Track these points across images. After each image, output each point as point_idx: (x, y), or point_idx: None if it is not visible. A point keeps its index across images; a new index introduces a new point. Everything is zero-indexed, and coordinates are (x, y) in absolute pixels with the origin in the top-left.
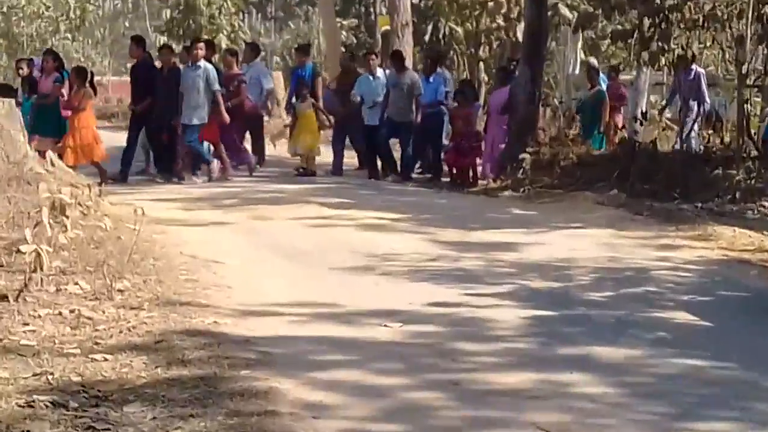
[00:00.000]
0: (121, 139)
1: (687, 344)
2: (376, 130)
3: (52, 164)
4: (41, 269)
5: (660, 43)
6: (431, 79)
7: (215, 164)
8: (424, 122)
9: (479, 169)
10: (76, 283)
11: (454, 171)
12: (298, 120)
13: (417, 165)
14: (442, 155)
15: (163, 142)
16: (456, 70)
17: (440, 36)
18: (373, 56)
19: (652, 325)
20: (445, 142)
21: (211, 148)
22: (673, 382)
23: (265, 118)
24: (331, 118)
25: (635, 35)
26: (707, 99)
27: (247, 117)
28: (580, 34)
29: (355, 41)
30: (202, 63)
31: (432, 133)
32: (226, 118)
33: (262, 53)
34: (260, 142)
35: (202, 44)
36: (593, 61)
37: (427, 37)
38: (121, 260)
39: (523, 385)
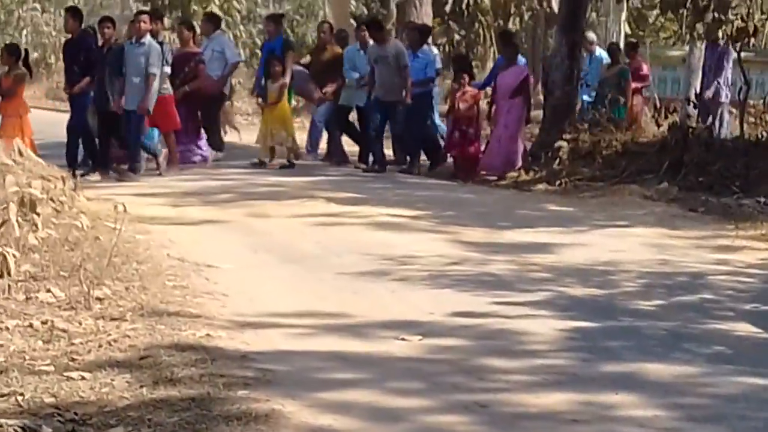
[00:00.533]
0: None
1: (749, 360)
2: (367, 113)
3: (21, 154)
4: (8, 274)
5: (716, 14)
6: (419, 54)
7: (162, 157)
8: (411, 102)
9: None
10: (49, 291)
11: (457, 161)
12: (267, 103)
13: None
14: (442, 143)
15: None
16: (482, 44)
17: (463, 6)
18: (364, 27)
19: (709, 338)
20: (440, 123)
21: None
22: (733, 403)
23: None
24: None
25: (688, 4)
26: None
27: (206, 98)
28: (625, 3)
29: (365, 12)
30: (147, 39)
31: (418, 115)
32: (145, 108)
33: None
34: (216, 126)
35: (145, 16)
36: (591, 35)
37: (448, 8)
38: (99, 264)
39: (560, 408)
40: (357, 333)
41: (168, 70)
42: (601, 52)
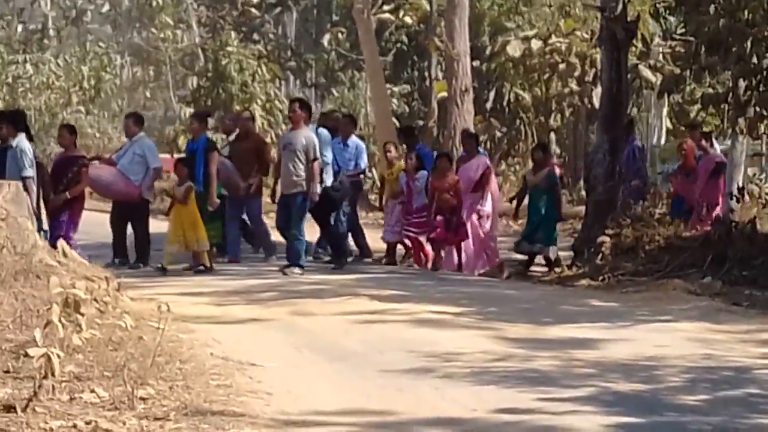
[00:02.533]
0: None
1: None
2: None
3: (65, 255)
4: (52, 375)
5: (758, 108)
6: (349, 144)
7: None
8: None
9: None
10: (93, 391)
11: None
12: (174, 208)
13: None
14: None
15: None
16: (524, 141)
17: (504, 103)
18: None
19: None
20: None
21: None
22: None
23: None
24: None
25: (729, 99)
26: None
27: (129, 205)
28: (666, 99)
29: (407, 110)
30: (17, 140)
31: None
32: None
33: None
34: (145, 234)
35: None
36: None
37: (489, 105)
38: (143, 364)
39: None
40: (401, 430)
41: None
42: None
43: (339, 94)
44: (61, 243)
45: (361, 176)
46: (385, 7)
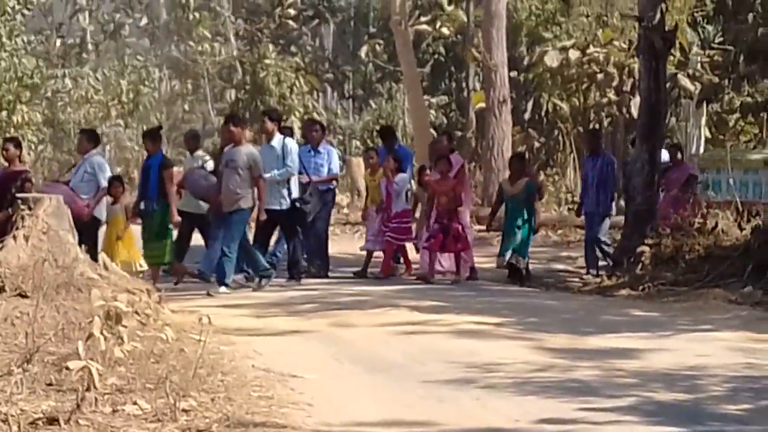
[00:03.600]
0: None
1: None
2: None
3: (106, 268)
4: (94, 387)
5: None
6: (321, 150)
7: None
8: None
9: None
10: (135, 403)
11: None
12: (109, 226)
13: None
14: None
15: None
16: (562, 151)
17: (542, 113)
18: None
19: None
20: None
21: None
22: None
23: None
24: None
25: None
26: None
27: (78, 223)
28: (704, 108)
29: (445, 121)
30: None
31: (319, 214)
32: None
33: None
34: (92, 252)
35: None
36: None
37: (527, 115)
38: (185, 376)
39: None
40: None
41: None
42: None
43: (377, 105)
44: (102, 256)
45: (334, 183)
46: (423, 19)
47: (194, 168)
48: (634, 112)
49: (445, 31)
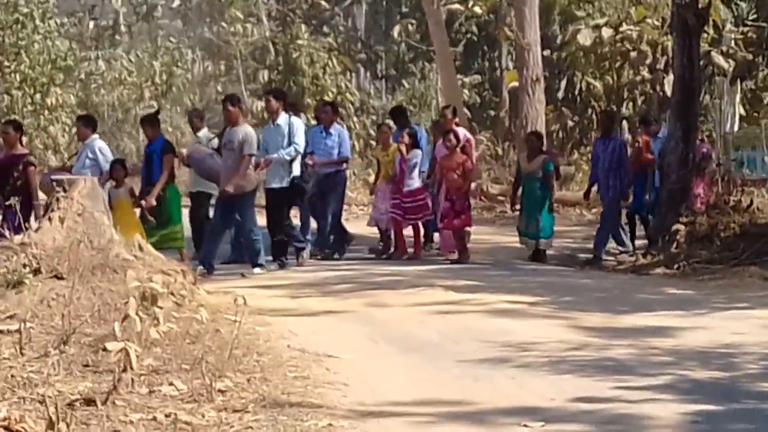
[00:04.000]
0: None
1: None
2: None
3: (141, 249)
4: (131, 368)
5: None
6: (332, 132)
7: None
8: (323, 184)
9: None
10: (171, 384)
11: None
12: (113, 210)
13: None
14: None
15: None
16: (595, 130)
17: (576, 92)
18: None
19: None
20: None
21: None
22: None
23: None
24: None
25: None
26: None
27: None
28: (738, 86)
29: (478, 100)
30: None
31: (332, 197)
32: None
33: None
34: None
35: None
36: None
37: (560, 94)
38: (221, 356)
39: None
40: (479, 420)
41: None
42: None
43: (410, 85)
44: (136, 237)
45: (345, 165)
46: None
47: (197, 146)
48: (668, 90)
49: (477, 9)
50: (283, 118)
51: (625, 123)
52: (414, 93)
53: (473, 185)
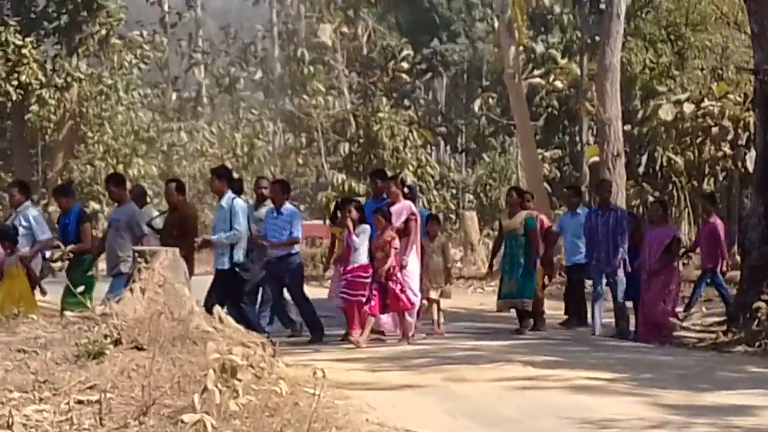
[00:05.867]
0: None
1: None
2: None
3: (221, 321)
4: None
5: None
6: (283, 211)
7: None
8: (274, 267)
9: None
10: None
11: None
12: (3, 280)
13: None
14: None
15: None
16: (676, 206)
17: (657, 167)
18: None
19: None
20: None
21: None
22: None
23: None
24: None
25: None
26: None
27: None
28: None
29: (558, 175)
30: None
31: (290, 281)
32: None
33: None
34: None
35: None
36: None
37: (641, 169)
38: (299, 429)
39: None
40: None
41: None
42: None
43: (490, 159)
44: (217, 309)
45: (296, 247)
46: (536, 72)
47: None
48: (750, 166)
49: (558, 84)
50: (226, 199)
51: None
52: (494, 167)
53: (555, 259)
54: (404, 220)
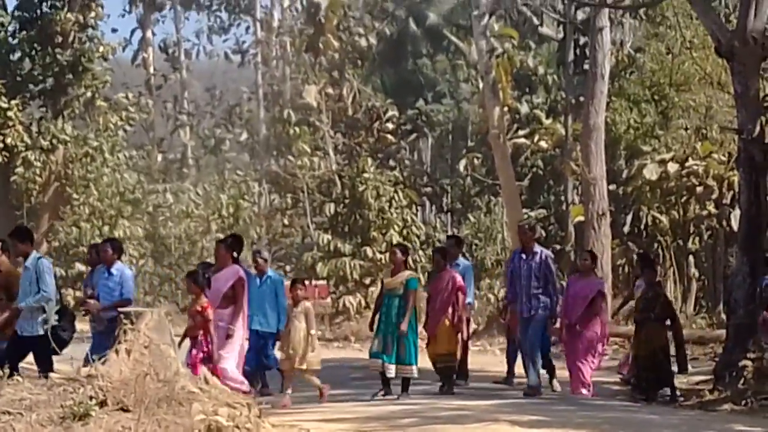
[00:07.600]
0: None
1: None
2: None
3: (206, 382)
4: None
5: None
6: (114, 270)
7: None
8: (109, 329)
9: None
10: None
11: None
12: None
13: None
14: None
15: None
16: (662, 265)
17: (642, 226)
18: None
19: None
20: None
21: None
22: None
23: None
24: None
25: None
26: None
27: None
28: None
29: (544, 234)
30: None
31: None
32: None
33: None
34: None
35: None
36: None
37: (626, 228)
38: None
39: None
40: None
41: None
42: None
43: (475, 219)
44: (202, 370)
45: (128, 308)
46: (521, 132)
47: None
48: (735, 225)
49: (543, 144)
50: (31, 259)
51: (691, 258)
52: (480, 227)
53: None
54: (231, 285)
